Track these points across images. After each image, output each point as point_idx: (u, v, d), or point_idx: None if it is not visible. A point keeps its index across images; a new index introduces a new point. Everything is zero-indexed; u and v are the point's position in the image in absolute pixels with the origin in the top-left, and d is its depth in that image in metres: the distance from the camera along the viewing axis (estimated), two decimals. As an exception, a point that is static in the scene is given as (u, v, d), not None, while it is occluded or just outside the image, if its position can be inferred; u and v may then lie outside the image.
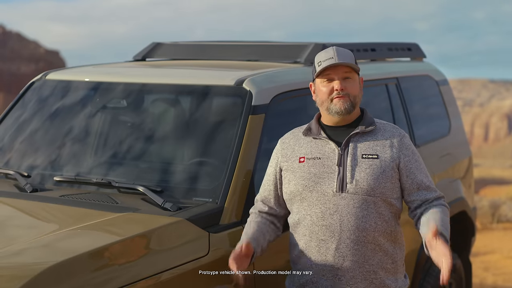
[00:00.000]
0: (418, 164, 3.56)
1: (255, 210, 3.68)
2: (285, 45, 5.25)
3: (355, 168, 3.47)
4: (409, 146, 3.57)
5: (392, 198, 3.51)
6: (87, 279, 3.08)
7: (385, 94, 5.39)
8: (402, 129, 3.64)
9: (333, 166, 3.49)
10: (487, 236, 12.05)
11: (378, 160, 3.49)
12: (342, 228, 3.44)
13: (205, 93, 4.34)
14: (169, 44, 5.53)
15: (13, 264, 3.18)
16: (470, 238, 6.16)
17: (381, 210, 3.48)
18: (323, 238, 3.47)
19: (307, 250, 3.52)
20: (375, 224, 3.46)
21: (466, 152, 6.41)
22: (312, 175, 3.50)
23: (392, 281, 3.55)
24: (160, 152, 4.31)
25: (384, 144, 3.53)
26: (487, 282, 8.60)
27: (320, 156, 3.53)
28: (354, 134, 3.54)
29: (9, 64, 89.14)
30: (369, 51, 5.61)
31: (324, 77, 3.52)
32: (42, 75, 4.95)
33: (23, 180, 4.21)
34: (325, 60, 3.50)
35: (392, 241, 3.54)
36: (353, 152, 3.51)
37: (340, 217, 3.44)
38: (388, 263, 3.52)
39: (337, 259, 3.46)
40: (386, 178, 3.48)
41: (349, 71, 3.51)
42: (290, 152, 3.61)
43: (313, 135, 3.58)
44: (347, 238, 3.44)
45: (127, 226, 3.57)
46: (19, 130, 4.69)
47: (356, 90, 3.53)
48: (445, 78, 6.39)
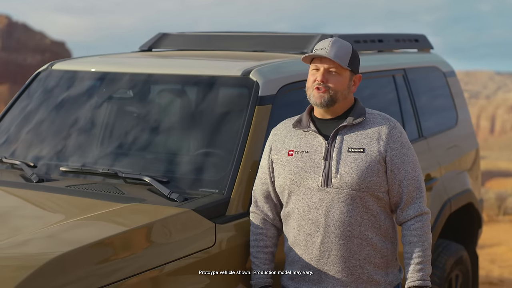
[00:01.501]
0: (405, 159, 3.49)
1: (257, 211, 3.66)
2: (292, 35, 5.23)
3: (340, 162, 3.44)
4: (398, 139, 3.50)
5: (379, 192, 3.47)
6: (93, 269, 3.08)
7: (392, 86, 5.37)
8: (393, 119, 3.58)
9: (320, 160, 3.48)
10: (493, 228, 12.03)
11: (364, 154, 3.45)
12: (327, 222, 3.43)
13: (212, 83, 4.32)
14: (175, 35, 5.51)
15: (19, 254, 3.18)
16: (476, 230, 6.14)
17: (368, 205, 3.45)
18: (310, 232, 3.47)
19: (296, 243, 3.53)
20: (361, 218, 3.44)
21: (473, 144, 6.39)
22: (299, 169, 3.49)
23: (382, 275, 3.52)
24: (166, 142, 4.29)
25: (371, 137, 3.49)
26: (493, 274, 8.59)
27: (308, 150, 3.51)
28: (342, 127, 3.51)
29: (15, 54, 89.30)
30: (376, 42, 5.58)
31: (313, 66, 3.53)
32: (48, 65, 4.94)
33: (29, 170, 4.21)
34: (319, 48, 3.50)
35: (381, 235, 3.51)
36: (339, 145, 3.48)
37: (326, 212, 3.43)
38: (377, 258, 3.50)
39: (323, 253, 3.46)
40: (372, 172, 3.43)
41: (336, 66, 3.49)
42: (280, 144, 3.60)
43: (303, 128, 3.56)
44: (332, 232, 3.43)
45: (133, 216, 3.57)
46: (25, 120, 4.68)
47: (340, 86, 3.49)
48: (452, 70, 6.37)
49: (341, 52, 3.48)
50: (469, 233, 6.12)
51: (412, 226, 3.49)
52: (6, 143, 4.62)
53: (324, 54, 3.45)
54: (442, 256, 5.35)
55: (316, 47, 3.52)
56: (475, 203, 5.95)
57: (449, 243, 5.60)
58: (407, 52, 6.18)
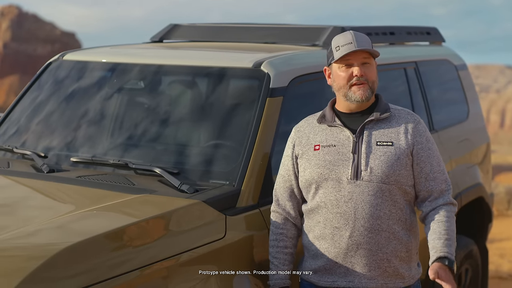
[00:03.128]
0: (430, 153, 3.52)
1: (279, 210, 3.63)
2: (303, 27, 5.22)
3: (370, 155, 3.45)
4: (423, 133, 3.53)
5: (407, 186, 3.48)
6: (103, 260, 3.08)
7: (404, 78, 5.35)
8: (417, 115, 3.60)
9: (348, 153, 3.47)
10: (503, 223, 12.00)
11: (393, 148, 3.46)
12: (357, 216, 3.42)
13: (223, 75, 4.32)
14: (186, 26, 5.51)
15: (29, 244, 3.18)
16: (487, 224, 6.12)
17: (396, 198, 3.46)
18: (337, 226, 3.45)
19: (321, 237, 3.51)
20: (389, 212, 3.44)
21: (484, 138, 6.36)
22: (327, 162, 3.48)
23: (406, 269, 3.52)
24: (177, 134, 4.29)
25: (398, 131, 3.50)
26: (503, 269, 8.57)
27: (335, 144, 3.50)
28: (369, 122, 3.51)
29: (25, 45, 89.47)
30: (388, 35, 5.56)
31: (343, 62, 3.49)
32: (59, 55, 4.94)
33: (40, 161, 4.21)
34: (344, 45, 3.46)
35: (407, 229, 3.51)
36: (367, 139, 3.48)
37: (355, 205, 3.42)
38: (403, 252, 3.49)
39: (351, 246, 3.44)
40: (401, 165, 3.45)
41: (367, 56, 3.48)
42: (305, 140, 3.58)
43: (328, 123, 3.55)
44: (361, 226, 3.42)
45: (144, 207, 3.57)
46: (36, 111, 4.69)
47: (374, 76, 3.51)
48: (464, 63, 6.34)
49: (366, 42, 3.49)
50: (479, 227, 6.10)
51: (441, 209, 3.48)
52: (17, 134, 4.62)
53: (357, 47, 3.44)
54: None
55: (337, 44, 3.48)
56: (485, 197, 5.94)
57: (459, 237, 5.58)
58: (418, 45, 6.16)
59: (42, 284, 2.86)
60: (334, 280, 3.50)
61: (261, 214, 3.74)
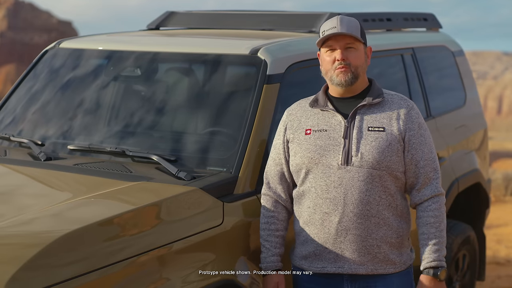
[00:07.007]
0: (422, 140, 3.50)
1: (270, 193, 3.64)
2: (300, 14, 5.21)
3: (361, 141, 3.43)
4: (416, 119, 3.51)
5: (398, 172, 3.46)
6: (100, 248, 3.08)
7: (401, 65, 5.35)
8: (411, 101, 3.58)
9: (339, 138, 3.46)
10: (500, 209, 12.01)
11: (384, 133, 3.44)
12: (346, 201, 3.41)
13: (220, 62, 4.31)
14: (183, 13, 5.50)
15: (26, 232, 3.18)
16: (484, 210, 6.13)
17: (386, 184, 3.45)
18: (327, 211, 3.45)
19: (311, 222, 3.50)
20: (379, 198, 3.43)
21: (481, 124, 6.36)
22: (318, 147, 3.47)
23: (397, 255, 3.52)
24: (174, 121, 4.29)
25: (391, 117, 3.48)
26: (500, 254, 8.58)
27: (327, 128, 3.49)
28: (361, 106, 3.49)
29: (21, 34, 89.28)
30: (384, 21, 5.56)
31: (327, 47, 3.49)
32: (56, 43, 4.93)
33: (37, 149, 4.20)
34: (328, 29, 3.46)
35: (397, 215, 3.50)
36: (359, 124, 3.47)
37: (344, 190, 3.42)
38: (393, 237, 3.49)
39: (340, 232, 3.44)
40: (392, 151, 3.43)
41: (351, 41, 3.46)
42: (296, 123, 3.58)
43: (320, 107, 3.54)
44: (350, 211, 3.42)
45: (141, 195, 3.56)
46: (33, 99, 4.68)
47: (359, 60, 3.48)
48: (461, 49, 6.34)
49: (352, 26, 3.46)
50: (477, 213, 6.11)
51: (429, 207, 3.48)
52: (13, 122, 4.62)
53: (338, 31, 3.43)
54: (449, 236, 5.35)
55: (323, 29, 3.48)
56: (482, 183, 5.94)
57: (457, 223, 5.60)
58: (415, 31, 6.15)
59: (38, 272, 2.86)
60: (323, 266, 3.50)
61: (258, 200, 3.74)
